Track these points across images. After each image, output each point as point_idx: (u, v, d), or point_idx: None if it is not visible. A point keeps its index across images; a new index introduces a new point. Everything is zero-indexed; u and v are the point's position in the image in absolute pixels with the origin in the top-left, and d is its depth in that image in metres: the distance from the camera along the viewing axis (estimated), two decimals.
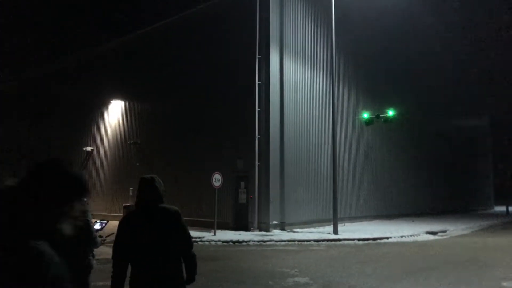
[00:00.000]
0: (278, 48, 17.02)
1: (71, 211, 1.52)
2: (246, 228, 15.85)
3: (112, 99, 23.09)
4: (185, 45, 19.68)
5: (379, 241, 13.79)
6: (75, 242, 3.40)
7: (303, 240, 13.37)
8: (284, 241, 13.31)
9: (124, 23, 25.15)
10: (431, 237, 15.26)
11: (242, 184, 16.58)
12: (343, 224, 16.96)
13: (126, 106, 22.64)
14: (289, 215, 16.37)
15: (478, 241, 14.37)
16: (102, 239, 4.12)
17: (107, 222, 4.94)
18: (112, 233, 3.14)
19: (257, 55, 16.50)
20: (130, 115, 22.35)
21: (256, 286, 7.20)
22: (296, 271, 8.29)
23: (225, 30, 18.00)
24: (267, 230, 15.34)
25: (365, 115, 16.89)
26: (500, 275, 8.11)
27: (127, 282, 3.00)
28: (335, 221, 14.80)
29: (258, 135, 16.11)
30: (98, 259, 3.90)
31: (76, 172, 1.56)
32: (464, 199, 31.43)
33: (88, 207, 3.68)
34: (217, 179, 15.21)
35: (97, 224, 4.63)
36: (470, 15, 34.62)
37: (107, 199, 22.09)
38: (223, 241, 13.46)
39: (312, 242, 13.16)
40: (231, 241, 13.37)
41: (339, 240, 13.61)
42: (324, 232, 15.29)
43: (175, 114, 19.66)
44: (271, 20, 16.84)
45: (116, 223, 5.87)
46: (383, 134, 23.19)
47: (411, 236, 14.93)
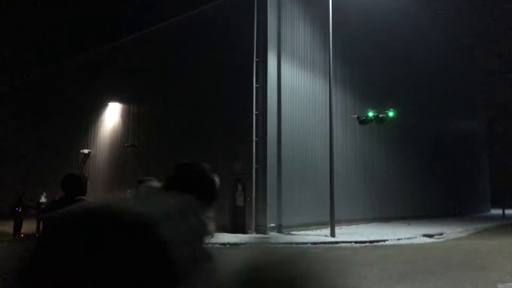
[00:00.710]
0: (276, 51, 17.08)
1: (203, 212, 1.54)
2: (244, 231, 15.84)
3: (110, 101, 23.08)
4: (182, 48, 19.70)
5: (376, 243, 13.81)
6: None
7: (301, 243, 13.37)
8: (281, 243, 13.25)
9: (121, 25, 25.15)
10: (428, 239, 15.30)
11: (240, 187, 16.58)
12: (340, 227, 16.98)
13: (123, 109, 22.64)
14: (286, 218, 16.38)
15: (474, 243, 14.41)
16: None
17: None
18: None
19: (254, 58, 16.56)
20: (128, 118, 22.34)
21: None
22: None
23: (223, 33, 18.05)
24: (265, 233, 15.34)
25: (370, 113, 16.51)
26: (496, 278, 8.14)
27: None
28: (332, 223, 14.82)
29: (256, 137, 16.14)
30: None
31: (212, 176, 1.61)
32: (461, 202, 31.53)
33: None
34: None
35: None
36: (468, 15, 34.81)
37: None
38: (220, 243, 13.45)
39: (309, 245, 13.16)
40: (228, 243, 13.36)
41: (336, 242, 13.63)
42: (321, 234, 15.30)
43: (172, 117, 19.67)
44: (269, 23, 16.90)
45: None
46: (380, 137, 23.26)
47: (408, 238, 14.96)
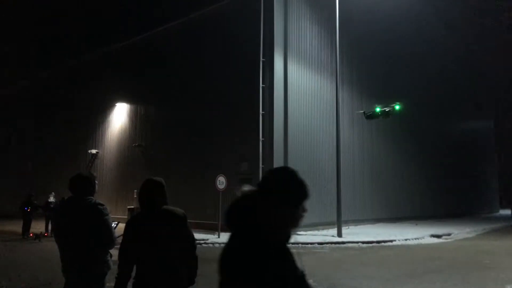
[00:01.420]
0: (282, 51, 17.08)
1: (296, 215, 1.64)
2: None
3: (117, 102, 23.24)
4: (189, 48, 19.78)
5: (383, 244, 13.76)
6: (98, 242, 3.46)
7: (307, 243, 13.37)
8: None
9: (129, 26, 25.31)
10: (436, 240, 15.21)
11: (246, 187, 16.57)
12: (347, 227, 16.94)
13: (131, 109, 22.78)
14: None
15: (482, 244, 14.30)
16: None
17: (118, 223, 5.01)
18: (121, 234, 3.20)
19: (261, 58, 16.57)
20: (135, 118, 22.48)
21: None
22: None
23: (229, 33, 18.09)
24: None
25: (377, 108, 16.21)
26: (504, 278, 8.08)
27: (131, 282, 3.06)
28: (339, 223, 14.80)
29: (262, 137, 16.16)
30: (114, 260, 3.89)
31: (302, 178, 1.68)
32: (469, 202, 31.28)
33: (107, 210, 3.59)
34: (221, 182, 15.25)
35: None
36: (472, 14, 34.52)
37: (112, 201, 22.18)
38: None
39: (316, 245, 13.16)
40: None
41: (343, 242, 13.60)
42: (328, 234, 15.28)
43: (180, 117, 19.75)
44: (275, 23, 16.91)
45: (120, 225, 5.87)
46: (387, 136, 23.17)
47: (416, 239, 14.89)
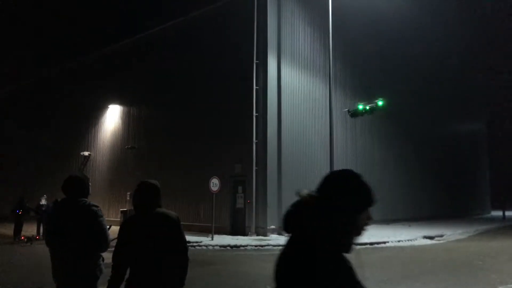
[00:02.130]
0: (276, 53, 17.11)
1: (358, 223, 1.55)
2: (244, 233, 15.84)
3: (110, 103, 23.11)
4: (182, 50, 19.75)
5: (376, 245, 13.80)
6: (93, 245, 3.43)
7: None
8: (281, 245, 13.22)
9: (121, 28, 25.22)
10: (428, 241, 15.29)
11: (240, 189, 16.59)
12: None
13: (123, 111, 22.66)
14: None
15: (475, 245, 14.41)
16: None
17: (111, 226, 4.97)
18: (115, 237, 3.19)
19: (254, 60, 16.58)
20: (128, 120, 22.36)
21: None
22: None
23: (222, 35, 18.09)
24: (265, 235, 15.34)
25: (359, 106, 16.06)
26: (496, 279, 8.14)
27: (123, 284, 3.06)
28: None
29: (256, 139, 16.16)
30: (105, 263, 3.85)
31: (367, 181, 1.59)
32: (461, 204, 31.50)
33: (101, 212, 3.57)
34: (214, 184, 15.22)
35: None
36: (469, 16, 34.82)
37: (104, 204, 22.00)
38: (220, 245, 13.45)
39: None
40: (229, 245, 13.36)
41: None
42: None
43: (173, 119, 19.69)
44: (269, 25, 16.94)
45: (113, 228, 5.83)
46: (380, 138, 23.29)
47: (408, 240, 14.96)
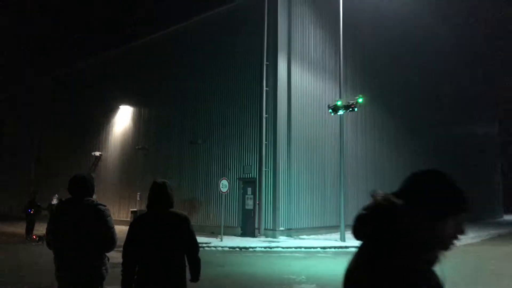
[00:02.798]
0: (286, 54, 17.09)
1: (445, 232, 1.31)
2: (253, 234, 15.83)
3: (121, 104, 23.30)
4: (193, 51, 19.83)
5: None
6: (99, 244, 3.44)
7: (310, 247, 13.33)
8: (290, 247, 13.27)
9: (132, 29, 25.44)
10: None
11: (249, 190, 16.59)
12: (350, 231, 16.86)
13: (134, 112, 22.83)
14: (296, 222, 16.33)
15: (487, 249, 14.20)
16: None
17: None
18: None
19: (264, 62, 16.59)
20: (138, 121, 22.52)
21: None
22: (303, 278, 8.26)
23: (233, 36, 18.13)
24: (274, 237, 15.31)
25: (338, 102, 15.52)
26: (509, 284, 8.01)
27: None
28: (342, 228, 14.73)
29: (266, 141, 16.15)
30: (111, 263, 3.86)
31: (458, 184, 1.37)
32: (473, 208, 31.08)
33: (108, 211, 3.59)
34: (224, 185, 15.26)
35: None
36: (479, 15, 34.42)
37: (114, 204, 22.19)
38: (229, 247, 13.46)
39: (319, 249, 13.11)
40: (238, 247, 13.36)
41: (347, 247, 13.53)
42: (331, 239, 15.22)
43: (183, 120, 19.77)
44: (279, 27, 16.93)
45: (123, 227, 5.86)
46: (390, 140, 23.12)
47: None
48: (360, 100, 15.23)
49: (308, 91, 17.94)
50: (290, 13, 17.53)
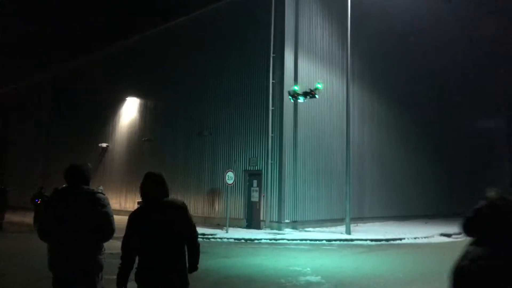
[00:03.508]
0: (293, 46, 16.98)
1: None
2: (258, 227, 15.88)
3: (128, 96, 23.36)
4: (199, 43, 19.77)
5: (392, 242, 13.67)
6: (99, 234, 3.42)
7: (315, 240, 13.35)
8: (296, 240, 13.30)
9: (139, 21, 25.41)
10: (445, 239, 15.05)
11: (255, 182, 16.61)
12: (356, 225, 16.86)
13: (141, 104, 22.89)
14: (301, 214, 16.35)
15: None
16: None
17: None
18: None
19: (271, 54, 16.50)
20: (145, 112, 22.58)
21: (267, 284, 7.22)
22: (308, 270, 8.28)
23: (239, 29, 18.04)
24: (279, 229, 15.35)
25: (295, 87, 15.40)
26: None
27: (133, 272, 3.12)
28: (347, 221, 14.73)
29: (272, 133, 16.12)
30: (112, 253, 3.86)
31: None
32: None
33: (107, 200, 3.56)
34: (229, 177, 15.29)
35: None
36: (490, 12, 33.85)
37: (121, 195, 22.37)
38: (235, 238, 13.52)
39: (324, 242, 13.12)
40: (243, 239, 13.42)
41: (352, 240, 13.54)
42: (336, 232, 15.22)
43: (189, 112, 19.78)
44: (286, 19, 16.80)
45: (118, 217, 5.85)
46: (397, 134, 22.97)
47: (425, 238, 14.76)
48: (319, 86, 15.09)
49: (315, 83, 17.80)
50: (297, 4, 17.38)
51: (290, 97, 15.29)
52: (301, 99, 15.19)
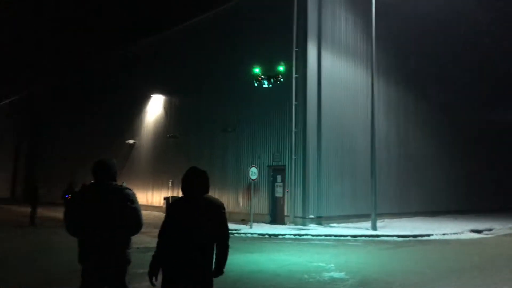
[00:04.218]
0: (316, 40, 16.79)
1: None
2: (282, 222, 15.87)
3: (153, 93, 23.73)
4: (222, 39, 19.84)
5: (420, 238, 13.37)
6: (128, 229, 3.50)
7: (340, 235, 13.22)
8: (320, 235, 13.21)
9: (163, 19, 25.70)
10: (476, 235, 14.62)
11: (279, 178, 16.59)
12: (382, 220, 16.60)
13: (166, 100, 23.21)
14: (325, 210, 16.22)
15: None
16: None
17: None
18: None
19: (294, 48, 16.38)
20: (170, 109, 22.89)
21: (291, 279, 7.21)
22: (332, 266, 8.22)
23: (262, 22, 17.97)
24: (303, 224, 15.29)
25: (256, 69, 15.19)
26: None
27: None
28: (373, 216, 14.51)
29: (295, 128, 16.03)
30: (138, 248, 3.94)
31: None
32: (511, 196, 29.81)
33: (135, 196, 3.62)
34: (253, 173, 15.32)
35: None
36: None
37: (148, 190, 22.81)
38: (259, 234, 13.56)
39: (349, 238, 12.97)
40: (267, 234, 13.44)
41: (378, 236, 13.33)
42: (361, 227, 15.03)
43: (212, 108, 19.90)
44: (309, 12, 16.62)
45: (155, 213, 5.97)
46: (426, 128, 22.43)
47: (454, 234, 14.37)
48: (281, 68, 14.76)
49: (339, 77, 17.60)
50: None
51: (254, 82, 15.16)
52: (265, 84, 15.01)
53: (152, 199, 22.45)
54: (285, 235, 13.27)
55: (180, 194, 3.35)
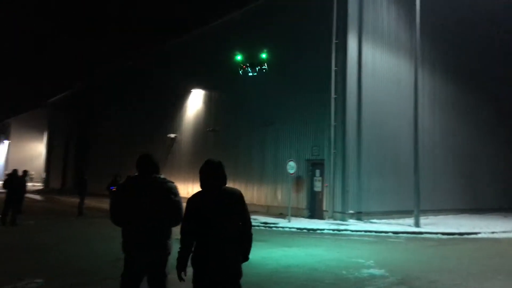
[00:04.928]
0: (357, 32, 16.36)
1: None
2: (321, 217, 15.71)
3: (193, 88, 24.13)
4: (260, 31, 19.76)
5: (466, 236, 12.79)
6: (169, 220, 3.60)
7: (381, 232, 12.90)
8: (360, 231, 12.95)
9: (202, 14, 26.05)
10: None
11: (318, 172, 16.41)
12: (426, 217, 16.02)
13: (205, 95, 23.53)
14: (366, 205, 15.86)
15: None
16: None
17: None
18: None
19: (334, 40, 16.05)
20: (209, 103, 23.18)
21: (328, 274, 7.12)
22: (371, 263, 8.03)
23: (301, 15, 17.74)
24: (343, 220, 15.04)
25: (238, 57, 14.89)
26: None
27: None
28: (416, 213, 14.03)
29: (334, 122, 15.75)
30: (177, 239, 4.03)
31: None
32: None
33: (177, 188, 3.72)
34: (291, 167, 15.24)
35: None
36: None
37: (188, 183, 23.29)
38: (297, 228, 13.50)
39: (391, 234, 12.63)
40: (305, 228, 13.35)
41: (421, 233, 12.88)
42: (404, 224, 14.59)
43: (251, 102, 19.92)
44: (350, 2, 16.21)
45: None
46: (474, 122, 21.37)
47: (504, 232, 13.61)
48: (264, 55, 14.34)
49: (380, 69, 17.08)
50: None
51: (239, 69, 15.01)
52: (250, 73, 14.80)
53: (192, 191, 22.64)
54: (323, 230, 13.13)
55: None
